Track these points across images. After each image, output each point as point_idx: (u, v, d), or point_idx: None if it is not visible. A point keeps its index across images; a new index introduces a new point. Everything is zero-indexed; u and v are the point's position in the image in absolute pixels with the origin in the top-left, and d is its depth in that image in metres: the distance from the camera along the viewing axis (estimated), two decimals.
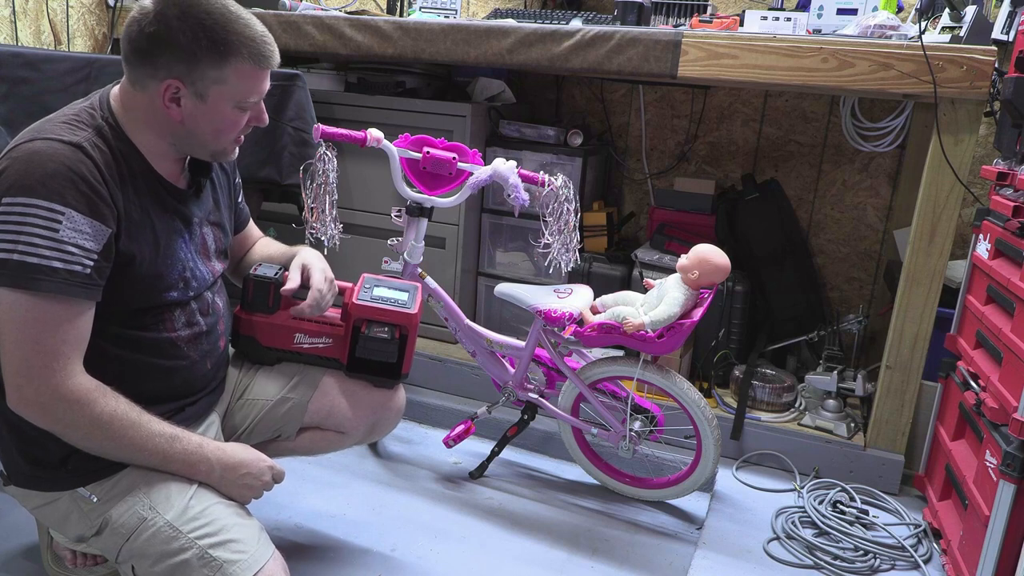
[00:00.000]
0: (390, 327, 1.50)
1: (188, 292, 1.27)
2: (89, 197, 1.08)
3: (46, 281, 1.05)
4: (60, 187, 1.06)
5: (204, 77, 1.14)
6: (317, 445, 1.57)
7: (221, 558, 1.15)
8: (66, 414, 1.10)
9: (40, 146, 1.08)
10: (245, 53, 1.14)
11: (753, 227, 2.50)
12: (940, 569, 1.69)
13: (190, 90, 1.14)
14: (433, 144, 1.79)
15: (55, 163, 1.06)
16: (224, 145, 1.24)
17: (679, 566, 1.73)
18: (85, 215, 1.07)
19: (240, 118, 1.21)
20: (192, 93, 1.15)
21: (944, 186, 1.83)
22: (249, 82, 1.17)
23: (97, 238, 1.09)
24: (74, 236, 1.06)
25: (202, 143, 1.22)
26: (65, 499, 1.21)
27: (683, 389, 1.81)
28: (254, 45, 1.15)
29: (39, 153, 1.07)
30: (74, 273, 1.07)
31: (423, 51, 2.19)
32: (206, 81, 1.14)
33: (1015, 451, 1.41)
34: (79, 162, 1.08)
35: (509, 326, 2.53)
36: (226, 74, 1.14)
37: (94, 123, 1.15)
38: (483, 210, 2.57)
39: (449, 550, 1.74)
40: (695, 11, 2.35)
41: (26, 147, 1.08)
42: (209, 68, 1.13)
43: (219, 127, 1.20)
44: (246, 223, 1.58)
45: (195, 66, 1.12)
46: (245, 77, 1.16)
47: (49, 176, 1.06)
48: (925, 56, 1.74)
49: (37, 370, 1.07)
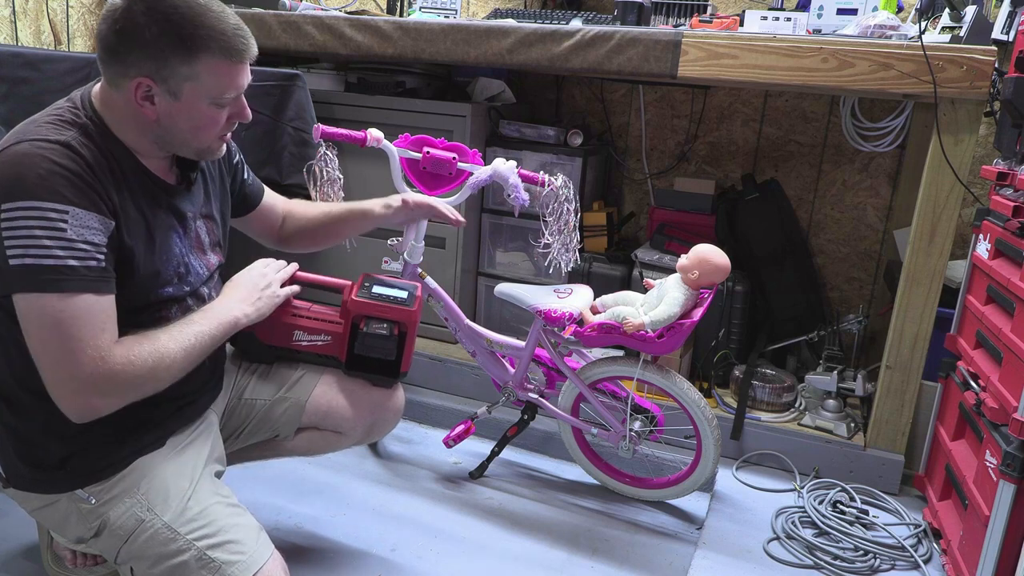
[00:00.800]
0: (389, 324, 1.49)
1: (184, 287, 1.26)
2: (88, 192, 1.07)
3: (67, 280, 1.04)
4: (59, 186, 1.04)
5: (175, 74, 1.10)
6: (315, 445, 1.57)
7: (220, 559, 1.15)
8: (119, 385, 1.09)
9: (28, 148, 1.05)
10: (215, 47, 1.10)
11: (753, 227, 2.50)
12: (940, 569, 1.69)
13: (162, 88, 1.11)
14: (433, 144, 1.79)
15: (48, 162, 1.05)
16: (208, 143, 1.21)
17: (679, 566, 1.73)
18: (88, 210, 1.06)
19: (219, 115, 1.17)
20: (165, 91, 1.11)
21: (944, 186, 1.83)
22: (222, 78, 1.13)
23: (103, 231, 1.08)
24: (82, 232, 1.05)
25: (183, 142, 1.19)
26: (64, 501, 1.21)
27: (683, 389, 1.81)
28: (224, 39, 1.11)
29: (29, 155, 1.05)
30: (91, 268, 1.06)
31: (423, 51, 2.19)
32: (177, 79, 1.10)
33: (1015, 451, 1.41)
34: (69, 158, 1.06)
35: (509, 326, 2.53)
36: (197, 70, 1.10)
37: (78, 122, 1.12)
38: (483, 210, 2.57)
39: (449, 550, 1.74)
40: (695, 11, 2.35)
41: (13, 150, 1.06)
42: (179, 65, 1.09)
43: (197, 125, 1.16)
44: (260, 195, 1.54)
45: (164, 63, 1.09)
46: (218, 73, 1.12)
47: (45, 176, 1.04)
48: (925, 56, 1.74)
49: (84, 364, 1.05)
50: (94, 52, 2.54)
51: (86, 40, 2.56)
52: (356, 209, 1.61)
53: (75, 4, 2.49)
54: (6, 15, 2.26)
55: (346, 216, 1.61)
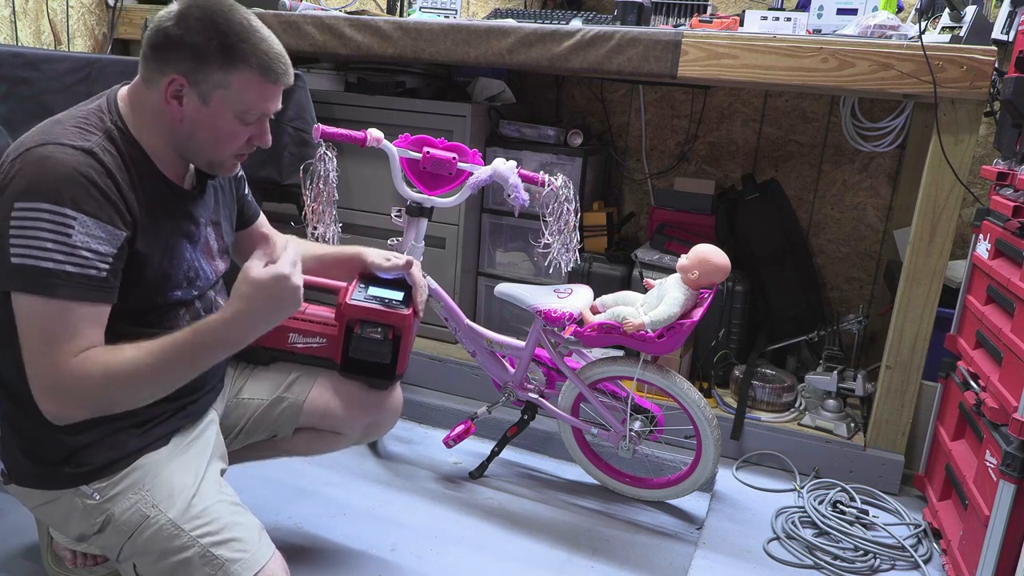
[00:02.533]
0: (383, 327, 1.48)
1: (192, 291, 1.28)
2: (101, 202, 1.09)
3: (61, 286, 1.05)
4: (73, 192, 1.06)
5: (209, 79, 1.14)
6: (313, 446, 1.57)
7: (223, 557, 1.15)
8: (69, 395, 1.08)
9: (52, 151, 1.08)
10: (254, 63, 1.14)
11: (753, 227, 2.50)
12: (940, 569, 1.69)
13: (194, 90, 1.14)
14: (433, 144, 1.79)
15: (67, 168, 1.07)
16: (223, 158, 1.23)
17: (679, 566, 1.73)
18: (98, 220, 1.08)
19: (240, 132, 1.20)
20: (196, 94, 1.15)
21: (944, 186, 1.83)
22: (253, 94, 1.17)
23: (111, 242, 1.10)
24: (87, 240, 1.07)
25: (200, 150, 1.21)
26: (67, 497, 1.21)
27: (683, 389, 1.81)
28: (266, 59, 1.15)
29: (50, 158, 1.07)
30: (89, 277, 1.07)
31: (423, 51, 2.19)
32: (210, 83, 1.14)
33: (1015, 451, 1.41)
34: (91, 167, 1.09)
35: (509, 326, 2.53)
36: (231, 79, 1.14)
37: (103, 126, 1.16)
38: (483, 210, 2.57)
39: (449, 550, 1.74)
40: (695, 11, 2.35)
41: (37, 152, 1.08)
42: (215, 71, 1.13)
43: (218, 135, 1.19)
44: (256, 216, 1.56)
45: (203, 66, 1.13)
46: (250, 88, 1.16)
47: (61, 181, 1.06)
48: (925, 56, 1.74)
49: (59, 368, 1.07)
50: (95, 52, 2.56)
51: (86, 40, 2.56)
52: (352, 256, 1.55)
53: (75, 4, 2.49)
54: (6, 15, 2.26)
55: (338, 263, 1.56)
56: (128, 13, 2.64)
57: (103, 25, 2.62)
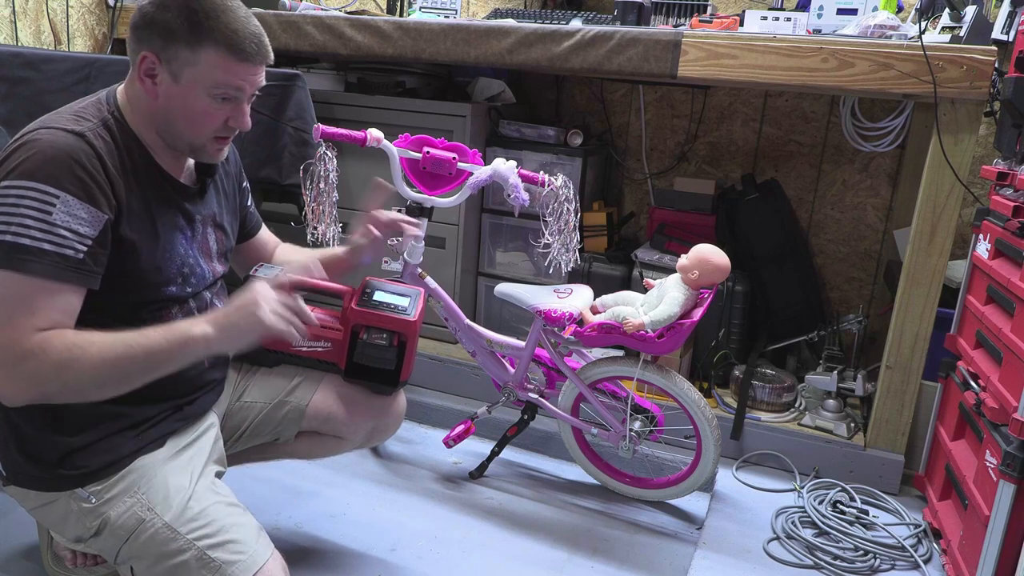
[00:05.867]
0: (388, 334, 1.47)
1: (187, 288, 1.27)
2: (85, 183, 1.09)
3: (34, 263, 1.05)
4: (57, 172, 1.07)
5: (179, 56, 1.14)
6: (315, 449, 1.57)
7: (220, 559, 1.15)
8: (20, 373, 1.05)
9: (43, 134, 1.10)
10: (221, 40, 1.14)
11: (753, 227, 2.50)
12: (940, 569, 1.69)
13: (165, 67, 1.15)
14: (433, 144, 1.79)
15: (55, 149, 1.09)
16: (202, 140, 1.22)
17: (679, 566, 1.73)
18: (81, 200, 1.08)
19: (214, 111, 1.19)
20: (167, 71, 1.16)
21: (944, 186, 1.83)
22: (221, 72, 1.16)
23: (93, 224, 1.10)
24: (68, 220, 1.07)
25: (178, 131, 1.21)
26: (63, 500, 1.21)
27: (683, 389, 1.81)
28: (235, 37, 1.15)
29: (41, 140, 1.09)
30: (65, 257, 1.07)
31: (423, 51, 2.19)
32: (180, 61, 1.15)
33: (1015, 451, 1.41)
34: (79, 149, 1.10)
35: (509, 326, 2.53)
36: (199, 57, 1.15)
37: (100, 116, 1.17)
38: (483, 210, 2.57)
39: (449, 550, 1.74)
40: (695, 11, 2.35)
41: (30, 135, 1.11)
42: (183, 47, 1.14)
43: (191, 115, 1.19)
44: (258, 228, 1.57)
45: (171, 42, 1.14)
46: (217, 65, 1.15)
47: (49, 161, 1.08)
48: (925, 56, 1.74)
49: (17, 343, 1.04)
50: (95, 52, 2.55)
51: (86, 40, 2.55)
52: (330, 258, 1.55)
53: (75, 4, 2.49)
54: (6, 15, 2.26)
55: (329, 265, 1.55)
56: (128, 13, 2.64)
57: (103, 25, 2.62)
